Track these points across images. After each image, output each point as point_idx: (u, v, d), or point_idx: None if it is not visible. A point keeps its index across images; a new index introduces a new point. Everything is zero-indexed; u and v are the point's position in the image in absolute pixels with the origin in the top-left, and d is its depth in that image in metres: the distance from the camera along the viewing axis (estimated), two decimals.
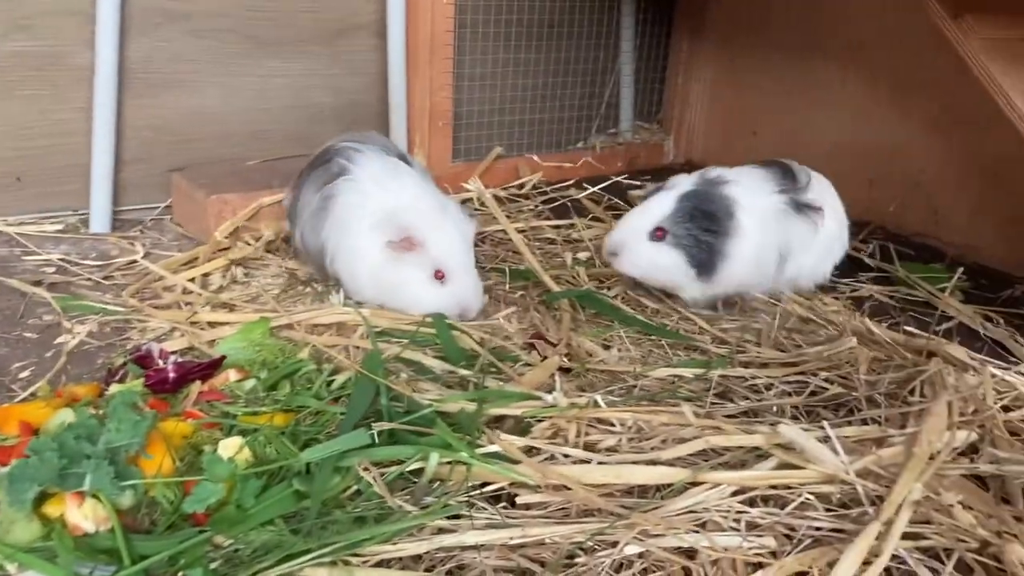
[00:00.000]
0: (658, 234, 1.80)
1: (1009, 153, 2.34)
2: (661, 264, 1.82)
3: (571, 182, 2.97)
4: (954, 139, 2.52)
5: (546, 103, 3.08)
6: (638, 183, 3.03)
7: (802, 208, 1.90)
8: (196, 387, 1.35)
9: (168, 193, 2.36)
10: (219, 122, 2.42)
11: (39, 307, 1.77)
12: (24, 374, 1.51)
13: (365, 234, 1.75)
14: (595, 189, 2.84)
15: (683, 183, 1.85)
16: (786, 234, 1.88)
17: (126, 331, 1.69)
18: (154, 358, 1.46)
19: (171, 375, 1.36)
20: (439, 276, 1.74)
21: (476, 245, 2.28)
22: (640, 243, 1.82)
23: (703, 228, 1.78)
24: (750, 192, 1.84)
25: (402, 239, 1.70)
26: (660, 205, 1.81)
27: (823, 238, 1.97)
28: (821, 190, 2.03)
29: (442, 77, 2.67)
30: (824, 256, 2.02)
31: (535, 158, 3.02)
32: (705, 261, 1.79)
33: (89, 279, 1.91)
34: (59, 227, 2.20)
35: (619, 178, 3.05)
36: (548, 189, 2.87)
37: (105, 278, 1.93)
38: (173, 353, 1.49)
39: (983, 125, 2.42)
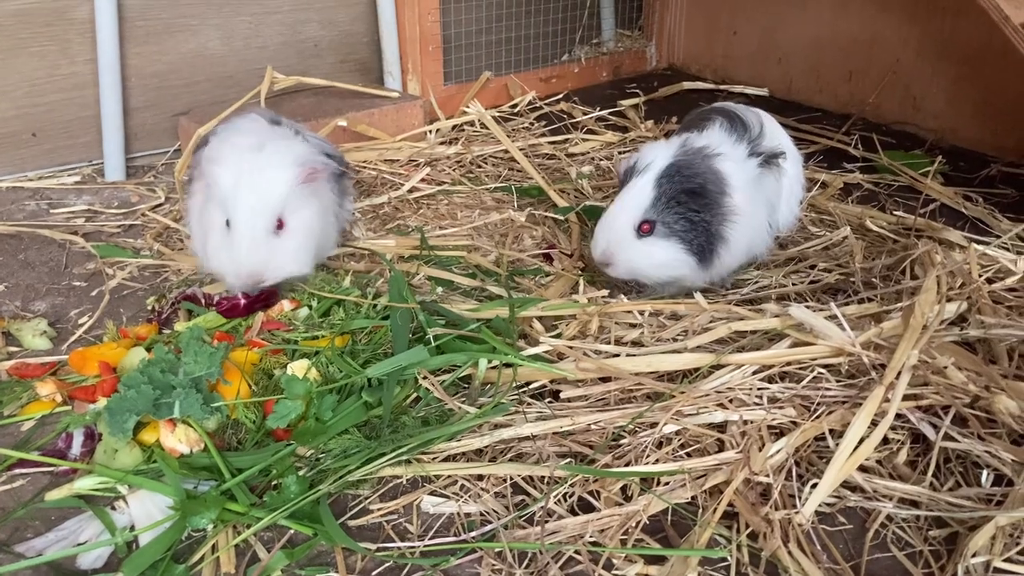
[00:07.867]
0: (644, 228, 1.52)
1: (982, 38, 2.44)
2: (659, 260, 1.54)
3: (560, 96, 3.04)
4: (929, 28, 2.61)
5: (530, 19, 3.12)
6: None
7: (769, 161, 1.68)
8: (259, 318, 1.46)
9: (176, 137, 2.43)
10: (219, 64, 2.47)
11: (78, 256, 1.87)
12: (83, 320, 1.62)
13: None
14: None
15: (658, 157, 1.56)
16: (767, 195, 1.69)
17: (161, 273, 1.79)
18: (200, 299, 1.58)
19: (242, 302, 1.49)
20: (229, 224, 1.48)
21: (478, 166, 2.38)
22: (629, 244, 1.54)
23: (693, 209, 1.52)
24: (733, 163, 1.59)
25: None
26: (637, 193, 1.53)
27: (787, 182, 1.78)
28: (771, 130, 1.82)
29: (429, 2, 2.71)
30: (791, 199, 1.84)
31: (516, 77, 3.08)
32: (704, 246, 1.53)
33: (119, 226, 2.01)
34: (77, 178, 2.28)
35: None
36: (540, 104, 2.93)
37: (131, 226, 2.02)
38: (216, 294, 1.59)
39: (957, 12, 2.50)
